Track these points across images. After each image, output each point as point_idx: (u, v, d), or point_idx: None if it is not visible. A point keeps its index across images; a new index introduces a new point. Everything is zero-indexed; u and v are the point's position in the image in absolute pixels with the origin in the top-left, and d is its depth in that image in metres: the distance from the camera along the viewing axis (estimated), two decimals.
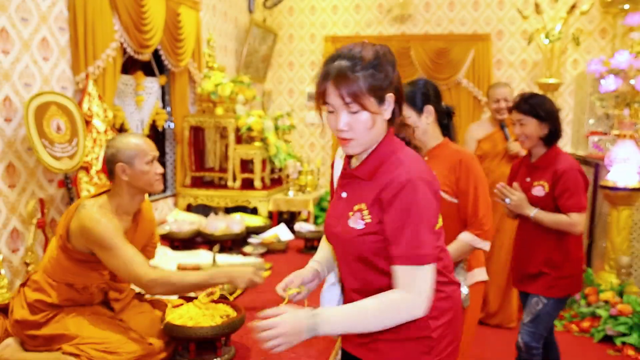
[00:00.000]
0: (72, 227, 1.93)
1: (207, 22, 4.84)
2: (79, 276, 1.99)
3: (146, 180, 2.01)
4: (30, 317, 1.96)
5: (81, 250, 1.94)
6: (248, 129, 4.24)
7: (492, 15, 5.83)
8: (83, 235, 1.89)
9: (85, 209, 1.92)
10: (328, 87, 1.27)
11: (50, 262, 2.00)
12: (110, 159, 2.01)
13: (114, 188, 2.04)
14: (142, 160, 1.99)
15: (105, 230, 1.86)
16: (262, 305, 2.64)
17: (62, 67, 3.10)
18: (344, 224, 1.30)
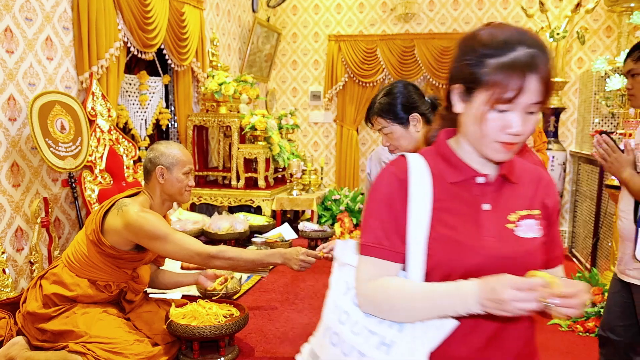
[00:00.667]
0: (110, 222, 1.99)
1: (211, 21, 4.84)
2: (105, 273, 2.02)
3: (178, 189, 2.11)
4: (41, 310, 1.98)
5: (118, 245, 1.99)
6: (252, 128, 4.24)
7: (497, 13, 5.81)
8: (130, 231, 1.95)
9: (127, 206, 2.00)
10: (530, 80, 0.96)
11: (76, 256, 2.03)
12: (153, 160, 2.11)
13: (147, 190, 2.13)
14: (180, 169, 2.11)
15: (155, 223, 1.96)
16: (265, 304, 2.64)
17: (66, 66, 3.11)
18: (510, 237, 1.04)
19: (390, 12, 6.05)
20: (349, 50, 6.04)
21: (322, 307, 2.61)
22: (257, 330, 2.33)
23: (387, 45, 5.94)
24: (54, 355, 1.89)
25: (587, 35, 5.38)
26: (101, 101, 3.23)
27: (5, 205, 2.72)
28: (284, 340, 2.23)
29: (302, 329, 2.35)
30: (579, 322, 3.47)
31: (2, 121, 2.68)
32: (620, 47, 4.92)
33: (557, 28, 5.04)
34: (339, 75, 6.10)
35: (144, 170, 2.14)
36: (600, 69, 3.81)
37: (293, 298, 2.74)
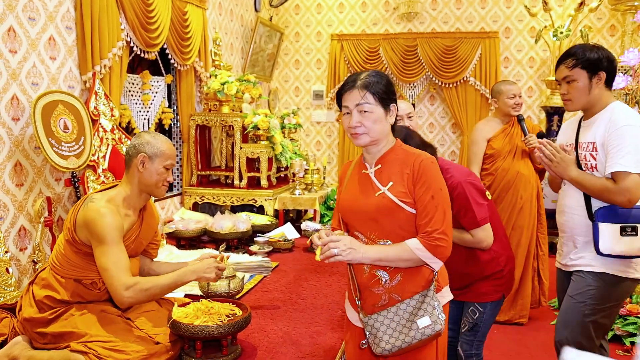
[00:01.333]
0: (78, 218, 1.97)
1: (213, 20, 4.84)
2: (86, 270, 2.00)
3: (155, 181, 2.06)
4: (38, 315, 1.97)
5: (86, 241, 1.97)
6: (254, 128, 4.24)
7: (500, 12, 5.80)
8: (86, 226, 1.92)
9: (93, 202, 1.97)
10: None
11: (58, 257, 2.02)
12: (137, 147, 2.06)
13: (126, 179, 2.09)
14: (162, 161, 2.07)
15: (106, 226, 1.90)
16: (267, 303, 2.64)
17: (69, 66, 3.11)
18: None
19: (393, 11, 6.04)
20: (352, 49, 6.04)
21: (324, 306, 2.62)
22: (259, 330, 2.33)
23: (390, 45, 5.93)
24: (57, 354, 1.89)
25: (590, 34, 5.36)
26: (104, 101, 3.24)
27: (9, 204, 2.72)
28: (286, 340, 2.23)
29: (304, 328, 2.35)
30: None
31: (5, 121, 2.69)
32: (624, 46, 4.90)
33: (560, 27, 5.03)
34: (342, 75, 6.10)
35: (126, 157, 2.09)
36: None
37: (295, 297, 2.74)
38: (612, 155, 1.81)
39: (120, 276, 1.88)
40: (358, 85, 1.50)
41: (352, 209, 1.56)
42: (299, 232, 4.01)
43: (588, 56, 1.87)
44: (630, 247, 1.82)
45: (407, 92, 6.08)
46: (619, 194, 1.79)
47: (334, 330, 2.32)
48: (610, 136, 1.83)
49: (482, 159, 3.22)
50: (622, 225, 1.83)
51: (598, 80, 1.88)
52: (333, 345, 2.18)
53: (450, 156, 6.13)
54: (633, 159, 1.78)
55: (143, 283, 1.92)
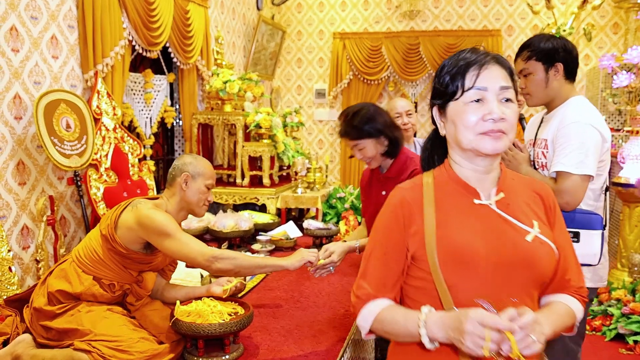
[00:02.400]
0: (123, 218, 2.02)
1: (216, 19, 4.84)
2: (111, 271, 2.03)
3: (198, 200, 2.16)
4: (47, 307, 1.99)
5: (128, 244, 2.01)
6: (256, 126, 4.24)
7: (502, 10, 5.78)
8: (141, 225, 1.97)
9: (142, 204, 2.04)
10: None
11: (85, 251, 2.05)
12: (180, 167, 2.16)
13: (167, 195, 2.17)
14: (204, 180, 2.17)
15: (164, 220, 1.99)
16: (270, 302, 2.64)
17: (71, 65, 3.12)
18: None
19: (395, 9, 6.03)
20: (354, 47, 6.03)
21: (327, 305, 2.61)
22: (261, 328, 2.33)
23: (392, 43, 5.92)
24: (60, 353, 1.89)
25: (593, 32, 5.34)
26: (106, 99, 3.24)
27: (12, 203, 2.73)
28: (288, 338, 2.23)
29: (307, 327, 2.35)
30: (586, 321, 3.45)
31: (8, 120, 2.69)
32: (627, 44, 4.88)
33: (563, 25, 5.01)
34: (344, 73, 6.09)
35: (169, 176, 2.20)
36: (607, 65, 3.78)
37: (298, 296, 2.74)
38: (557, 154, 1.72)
39: (202, 250, 1.98)
40: (496, 58, 1.14)
41: (494, 261, 1.05)
42: (301, 230, 4.00)
43: (542, 47, 1.77)
44: None
45: (410, 91, 6.07)
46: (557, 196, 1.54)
47: (336, 329, 2.32)
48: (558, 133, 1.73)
49: None
50: None
51: (556, 72, 1.78)
52: (335, 344, 2.18)
53: None
54: (575, 159, 1.67)
55: (229, 253, 2.03)
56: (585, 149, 1.67)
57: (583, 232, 1.69)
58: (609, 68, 3.76)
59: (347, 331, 2.27)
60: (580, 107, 1.77)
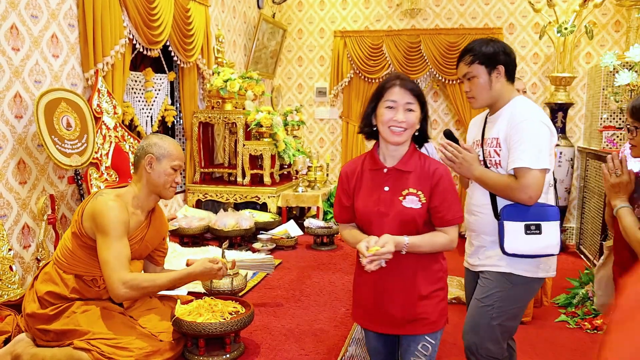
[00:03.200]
0: (86, 211, 1.99)
1: (216, 17, 4.83)
2: (88, 266, 2.01)
3: (163, 182, 2.08)
4: (39, 311, 1.98)
5: (92, 235, 1.98)
6: (257, 125, 4.24)
7: (504, 8, 5.76)
8: (93, 217, 1.94)
9: (102, 195, 1.99)
10: None
11: (62, 251, 2.03)
12: (145, 148, 2.10)
13: (134, 180, 2.12)
14: (169, 161, 2.09)
15: (112, 218, 1.92)
16: (271, 301, 2.64)
17: (71, 63, 3.11)
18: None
19: (396, 7, 6.02)
20: (355, 46, 6.02)
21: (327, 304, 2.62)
22: (262, 327, 2.32)
23: (393, 41, 5.91)
24: (60, 352, 1.89)
25: (595, 30, 5.33)
26: (107, 98, 3.23)
27: (12, 202, 2.73)
28: (289, 337, 2.23)
29: (307, 325, 2.35)
30: (587, 319, 3.44)
31: (8, 118, 2.69)
32: (629, 42, 4.86)
33: (565, 23, 5.00)
34: (345, 72, 6.08)
35: (134, 158, 2.13)
36: (609, 64, 3.77)
37: (299, 295, 2.73)
38: (513, 151, 1.76)
39: (118, 270, 1.88)
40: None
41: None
42: (302, 229, 4.00)
43: (484, 51, 1.81)
44: (534, 246, 1.77)
45: None
46: (520, 191, 1.74)
47: (337, 328, 2.31)
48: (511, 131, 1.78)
49: None
50: (526, 224, 1.78)
51: (498, 75, 1.83)
52: (336, 342, 2.18)
53: None
54: (533, 155, 1.73)
55: (140, 280, 1.93)
56: (539, 144, 1.75)
57: (544, 224, 1.78)
58: (611, 66, 3.75)
59: (348, 330, 2.27)
60: (527, 106, 1.84)
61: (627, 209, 1.83)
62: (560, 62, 5.18)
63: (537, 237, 1.78)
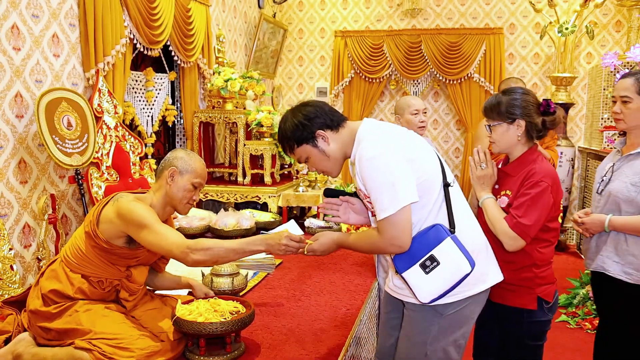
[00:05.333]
0: (104, 213, 1.99)
1: (217, 17, 4.83)
2: (97, 268, 2.01)
3: (181, 197, 2.09)
4: (42, 308, 1.98)
5: (111, 239, 1.99)
6: (258, 125, 4.24)
7: (504, 8, 5.76)
8: (121, 217, 1.95)
9: (123, 198, 2.01)
10: None
11: (72, 250, 2.03)
12: (170, 160, 2.11)
13: (154, 188, 2.14)
14: (191, 178, 2.10)
15: (143, 211, 1.95)
16: (271, 301, 2.64)
17: (72, 63, 3.11)
18: None
19: (396, 7, 6.02)
20: (355, 46, 6.02)
21: (328, 304, 2.62)
22: (263, 327, 2.32)
23: (394, 41, 5.91)
24: (61, 352, 1.89)
25: (596, 30, 5.32)
26: (107, 98, 3.24)
27: (13, 202, 2.73)
28: (290, 337, 2.23)
29: (308, 325, 2.35)
30: (587, 319, 3.44)
31: (9, 118, 2.69)
32: (630, 42, 4.86)
33: (565, 23, 5.00)
34: (345, 71, 6.08)
35: (158, 168, 2.15)
36: (610, 64, 3.77)
37: (299, 295, 2.73)
38: (373, 202, 1.55)
39: (177, 240, 1.89)
40: None
41: None
42: (303, 229, 4.00)
43: None
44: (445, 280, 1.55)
45: (411, 89, 6.06)
46: (388, 246, 1.55)
47: (338, 328, 2.31)
48: (363, 178, 1.57)
49: None
50: (420, 263, 1.55)
51: None
52: (337, 343, 2.18)
53: (455, 153, 6.11)
54: (387, 198, 1.51)
55: (205, 242, 1.92)
56: (389, 180, 1.51)
57: (435, 251, 1.54)
58: (612, 66, 3.74)
59: (348, 330, 2.27)
60: (367, 137, 1.60)
61: (492, 199, 1.93)
62: (561, 62, 5.18)
63: (438, 269, 1.54)
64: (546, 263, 1.96)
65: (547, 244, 1.95)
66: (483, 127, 3.54)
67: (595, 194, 2.25)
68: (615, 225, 2.08)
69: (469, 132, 5.79)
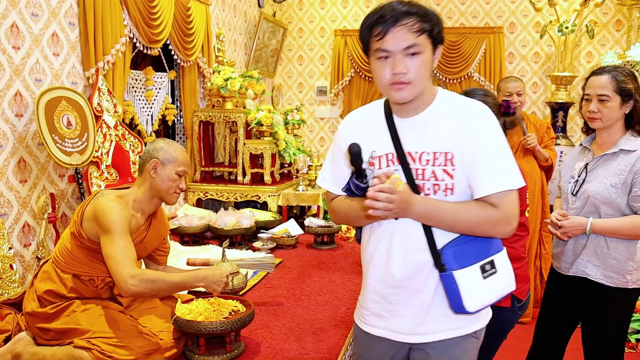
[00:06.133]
0: (86, 212, 1.98)
1: (217, 16, 4.83)
2: (86, 266, 2.01)
3: (167, 187, 2.08)
4: (39, 309, 1.98)
5: (91, 237, 1.97)
6: (258, 124, 4.23)
7: (505, 7, 5.76)
8: (95, 217, 1.93)
9: (103, 196, 1.99)
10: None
11: (61, 251, 2.03)
12: (150, 152, 2.09)
13: (138, 183, 2.11)
14: (174, 167, 2.08)
15: (115, 216, 1.91)
16: (271, 300, 2.64)
17: (72, 62, 3.11)
18: None
19: None
20: (355, 45, 6.01)
21: (328, 303, 2.62)
22: (263, 326, 2.32)
23: None
24: (60, 351, 1.89)
25: (596, 29, 5.32)
26: (107, 97, 3.23)
27: (13, 201, 2.73)
28: (290, 336, 2.23)
29: (308, 324, 2.35)
30: None
31: (9, 117, 2.69)
32: (630, 41, 4.86)
33: (565, 22, 4.99)
34: (345, 71, 6.08)
35: (140, 162, 2.12)
36: (610, 63, 3.76)
37: (299, 294, 2.73)
38: (485, 171, 1.33)
39: (126, 264, 1.86)
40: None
41: None
42: (303, 228, 4.00)
43: (428, 15, 1.36)
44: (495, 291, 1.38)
45: None
46: (504, 223, 1.34)
47: (338, 327, 2.31)
48: (470, 141, 1.33)
49: None
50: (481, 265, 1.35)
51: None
52: (337, 342, 2.18)
53: None
54: (511, 170, 1.35)
55: (149, 274, 1.91)
56: (511, 156, 1.41)
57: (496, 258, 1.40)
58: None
59: (348, 329, 2.27)
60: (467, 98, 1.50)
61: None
62: (561, 61, 5.17)
63: (495, 277, 1.37)
64: (520, 258, 1.97)
65: (517, 238, 1.94)
66: None
67: (569, 194, 2.16)
68: (597, 228, 2.02)
69: None
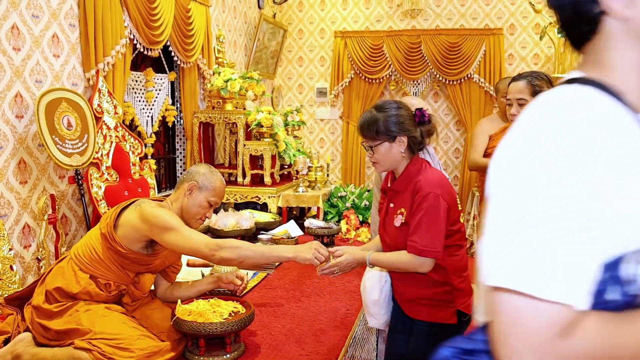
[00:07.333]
0: (125, 217, 2.03)
1: (217, 17, 4.84)
2: (108, 271, 2.03)
3: (195, 212, 2.14)
4: (45, 305, 1.99)
5: (128, 243, 2.02)
6: (258, 125, 4.24)
7: (504, 9, 5.77)
8: (145, 222, 1.98)
9: (146, 203, 2.06)
10: None
11: (84, 249, 2.04)
12: (192, 174, 2.16)
13: (172, 198, 2.18)
14: (209, 195, 2.15)
15: (168, 215, 2.00)
16: (271, 301, 2.64)
17: (72, 63, 3.11)
18: None
19: (396, 8, 6.02)
20: (355, 46, 6.02)
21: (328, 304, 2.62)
22: (262, 327, 2.33)
23: (394, 42, 5.91)
24: (60, 352, 1.89)
25: None
26: (107, 98, 3.24)
27: (13, 202, 2.73)
28: (289, 337, 2.23)
29: (308, 325, 2.35)
30: None
31: (9, 118, 2.69)
32: None
33: None
34: (345, 72, 6.09)
35: (179, 179, 2.19)
36: None
37: (299, 295, 2.73)
38: None
39: (205, 238, 1.97)
40: None
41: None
42: (302, 229, 4.00)
43: None
44: None
45: (411, 89, 6.07)
46: None
47: (338, 329, 2.31)
48: None
49: (482, 154, 3.24)
50: None
51: None
52: (337, 343, 2.18)
53: (454, 153, 6.11)
54: None
55: (233, 241, 2.01)
56: None
57: None
58: None
59: (348, 330, 2.27)
60: None
61: (372, 253, 2.07)
62: (560, 62, 5.18)
63: None
64: (461, 269, 1.92)
65: (456, 248, 1.91)
66: (480, 125, 3.55)
67: None
68: None
69: (468, 133, 5.80)
